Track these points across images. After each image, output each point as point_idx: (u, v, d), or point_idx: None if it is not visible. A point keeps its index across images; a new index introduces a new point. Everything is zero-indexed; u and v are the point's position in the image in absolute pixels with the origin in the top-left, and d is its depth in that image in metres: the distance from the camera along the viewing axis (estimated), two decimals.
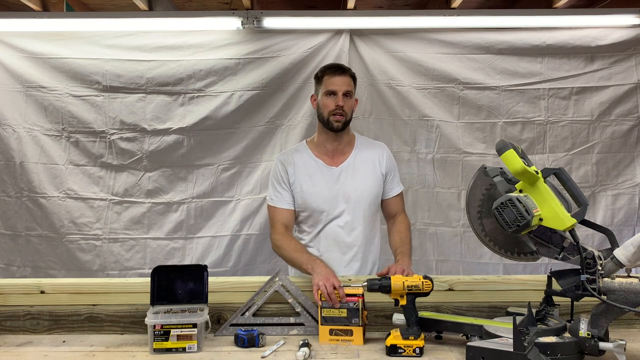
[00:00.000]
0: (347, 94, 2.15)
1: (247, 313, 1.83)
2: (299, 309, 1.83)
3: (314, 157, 2.22)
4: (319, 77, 2.21)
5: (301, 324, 1.82)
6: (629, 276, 1.48)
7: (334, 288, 1.74)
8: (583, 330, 1.45)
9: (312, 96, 2.28)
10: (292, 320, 1.83)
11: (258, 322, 1.82)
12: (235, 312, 1.83)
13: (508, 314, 1.72)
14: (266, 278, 1.91)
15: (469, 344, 1.50)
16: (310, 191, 2.17)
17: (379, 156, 2.24)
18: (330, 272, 1.83)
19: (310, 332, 1.79)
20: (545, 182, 1.53)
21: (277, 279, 1.88)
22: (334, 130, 2.16)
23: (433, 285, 1.66)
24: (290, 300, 1.84)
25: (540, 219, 1.50)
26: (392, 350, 1.60)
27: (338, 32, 3.14)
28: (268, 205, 2.24)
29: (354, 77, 2.21)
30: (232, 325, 1.81)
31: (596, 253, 1.50)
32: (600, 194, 3.25)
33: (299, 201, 2.18)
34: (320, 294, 1.74)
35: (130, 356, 1.65)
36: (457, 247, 3.27)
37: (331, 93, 2.14)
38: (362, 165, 2.22)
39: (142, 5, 3.11)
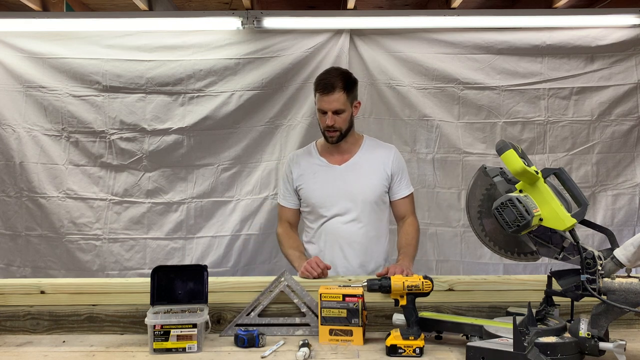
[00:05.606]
0: (337, 112, 2.18)
1: (252, 313, 1.82)
2: (304, 309, 1.83)
3: (318, 156, 2.32)
4: (314, 90, 2.24)
5: (307, 324, 1.81)
6: (629, 276, 1.48)
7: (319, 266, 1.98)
8: (583, 330, 1.45)
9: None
10: (297, 320, 1.82)
11: (264, 322, 1.81)
12: (240, 312, 1.82)
13: (508, 314, 1.72)
14: (266, 278, 1.91)
15: (469, 344, 1.50)
16: (311, 188, 2.26)
17: (385, 157, 2.29)
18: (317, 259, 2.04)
19: (316, 333, 1.78)
20: (545, 182, 1.53)
21: (282, 279, 1.87)
22: (330, 143, 2.25)
23: (433, 285, 1.66)
24: (295, 301, 1.84)
25: (540, 219, 1.50)
26: (392, 350, 1.60)
27: (338, 32, 3.14)
28: (278, 202, 2.40)
29: (347, 89, 2.19)
30: (237, 325, 1.80)
31: (596, 253, 1.50)
32: (600, 194, 3.25)
33: (302, 197, 2.29)
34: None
35: (130, 356, 1.65)
36: (457, 247, 3.26)
37: (322, 111, 2.20)
38: (367, 164, 2.26)
39: (142, 5, 3.11)
